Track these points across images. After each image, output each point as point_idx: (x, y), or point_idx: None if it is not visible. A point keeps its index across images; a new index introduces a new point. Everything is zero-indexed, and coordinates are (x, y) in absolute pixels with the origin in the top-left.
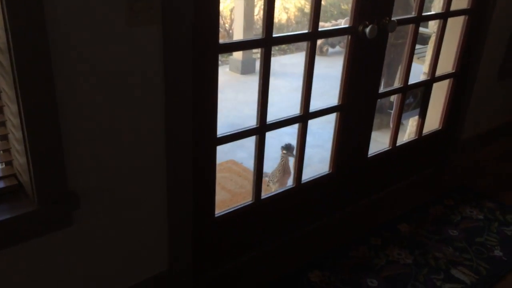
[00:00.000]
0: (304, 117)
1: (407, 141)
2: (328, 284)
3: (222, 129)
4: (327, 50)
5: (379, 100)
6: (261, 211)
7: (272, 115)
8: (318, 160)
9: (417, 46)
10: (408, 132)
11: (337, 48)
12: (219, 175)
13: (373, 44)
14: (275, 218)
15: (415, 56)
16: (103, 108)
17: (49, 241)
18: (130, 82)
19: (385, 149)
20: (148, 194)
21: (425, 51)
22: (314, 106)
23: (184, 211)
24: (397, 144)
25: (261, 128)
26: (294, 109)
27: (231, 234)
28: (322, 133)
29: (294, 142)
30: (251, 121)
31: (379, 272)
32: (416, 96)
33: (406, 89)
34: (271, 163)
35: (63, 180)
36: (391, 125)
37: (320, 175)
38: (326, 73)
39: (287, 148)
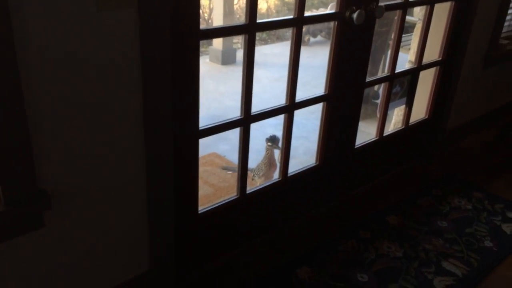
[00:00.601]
0: (290, 108)
1: (394, 131)
2: (317, 280)
3: (203, 121)
4: (308, 39)
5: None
6: (247, 206)
7: (255, 107)
8: (302, 151)
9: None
10: (394, 122)
11: (319, 37)
12: (201, 169)
13: (361, 31)
14: (261, 213)
15: (391, 43)
16: (74, 100)
17: (19, 244)
18: (103, 72)
19: (372, 140)
20: (126, 191)
21: (409, 40)
22: (296, 96)
23: (165, 208)
24: (384, 135)
25: (246, 120)
26: (277, 100)
27: (215, 230)
28: (306, 124)
29: (278, 133)
30: (233, 113)
31: (369, 266)
32: (403, 85)
33: (393, 78)
34: (254, 156)
35: (32, 178)
36: (378, 115)
37: (307, 168)
38: (308, 63)
39: (272, 140)
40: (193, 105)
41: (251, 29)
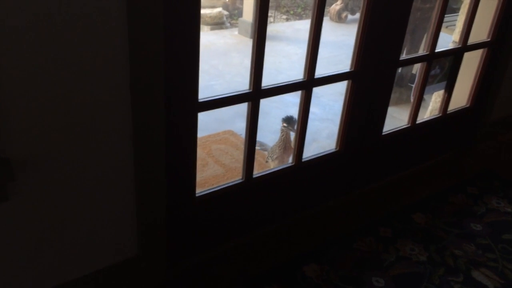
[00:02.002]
0: (307, 84)
1: (429, 118)
2: (325, 280)
3: None
4: (346, 16)
5: (399, 70)
6: (252, 191)
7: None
8: (326, 135)
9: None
10: (431, 109)
11: (357, 15)
12: (213, 146)
13: (397, 1)
14: (268, 200)
15: (443, 25)
16: (44, 49)
17: None
18: (84, 23)
19: (403, 127)
20: (108, 165)
21: (455, 20)
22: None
23: (155, 188)
24: (418, 122)
25: (255, 94)
26: None
27: (214, 217)
28: (333, 106)
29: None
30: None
31: (387, 269)
32: (444, 67)
33: (432, 57)
34: (274, 136)
35: None
36: (411, 99)
37: (325, 153)
38: (342, 41)
39: (288, 120)
40: (191, 68)
41: None
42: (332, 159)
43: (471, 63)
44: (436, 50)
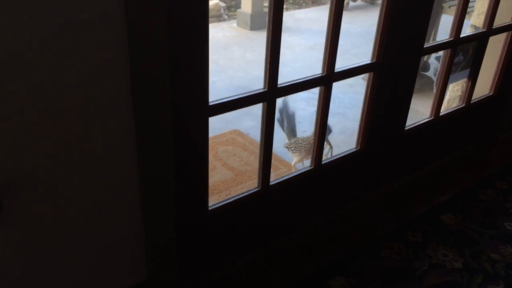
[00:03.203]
0: (327, 79)
1: (453, 109)
2: None
3: (225, 93)
4: (348, 3)
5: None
6: (270, 199)
7: (285, 77)
8: (338, 130)
9: None
10: (448, 98)
11: (359, 1)
12: (220, 148)
13: None
14: (287, 208)
15: (445, 5)
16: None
17: None
18: (81, 26)
19: (426, 120)
20: (111, 181)
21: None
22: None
23: (164, 204)
24: (441, 114)
25: (270, 93)
26: (311, 70)
27: (229, 230)
28: (343, 98)
29: (310, 109)
30: (261, 84)
31: (421, 279)
32: (467, 54)
33: (457, 43)
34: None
35: None
36: (434, 90)
37: (346, 154)
38: (346, 29)
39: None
40: (200, 69)
41: None
42: (353, 159)
43: (492, 48)
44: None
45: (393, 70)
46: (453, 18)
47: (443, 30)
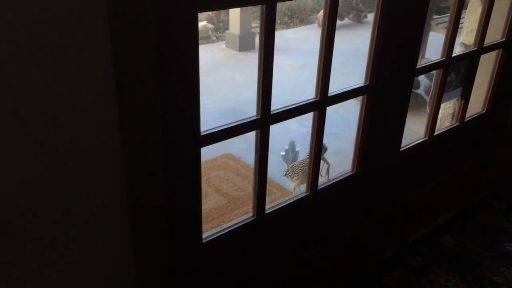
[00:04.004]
0: (321, 103)
1: (447, 128)
2: None
3: (216, 116)
4: None
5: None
6: (265, 228)
7: (276, 98)
8: (332, 151)
9: (435, 16)
10: (440, 116)
11: (346, 20)
12: (213, 173)
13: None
14: (282, 236)
15: (433, 23)
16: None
17: None
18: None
19: (421, 140)
20: (98, 221)
21: (445, 19)
22: None
23: (155, 239)
24: (435, 133)
25: (264, 120)
26: (301, 90)
27: (224, 262)
28: (335, 118)
29: (301, 129)
30: (252, 106)
31: None
32: (459, 72)
33: (449, 63)
34: (273, 158)
35: None
36: (428, 109)
37: (341, 177)
38: (335, 49)
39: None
40: (192, 98)
41: None
42: (349, 183)
43: (483, 66)
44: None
45: (387, 92)
46: (444, 37)
47: (431, 47)
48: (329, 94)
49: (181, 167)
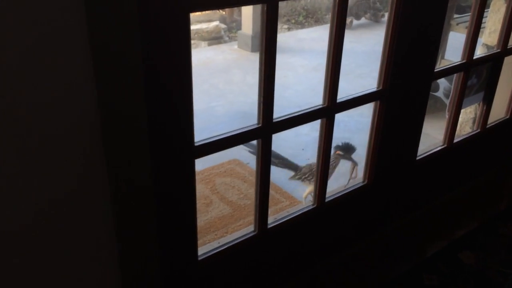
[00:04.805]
0: (329, 110)
1: (468, 135)
2: None
3: (225, 119)
4: (351, 22)
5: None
6: (267, 243)
7: (287, 100)
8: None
9: (456, 15)
10: (460, 121)
11: (363, 20)
12: (218, 180)
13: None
14: (287, 252)
15: (453, 22)
16: None
17: None
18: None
19: (439, 148)
20: (82, 241)
21: (466, 19)
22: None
23: (145, 258)
24: (455, 141)
25: (265, 129)
26: (314, 93)
27: (223, 282)
28: (348, 122)
29: (313, 134)
30: None
31: None
32: (481, 76)
33: (470, 66)
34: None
35: None
36: (447, 115)
37: (352, 189)
38: (351, 49)
39: (346, 149)
40: (184, 104)
41: None
42: (360, 194)
43: (506, 69)
44: (474, 57)
45: (402, 97)
46: (465, 38)
47: (451, 47)
48: (338, 100)
49: (174, 180)
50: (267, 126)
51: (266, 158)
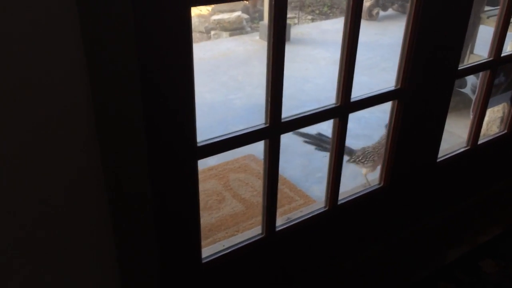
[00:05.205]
0: (342, 110)
1: (493, 137)
2: None
3: (242, 112)
4: (377, 13)
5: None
6: (275, 247)
7: (307, 94)
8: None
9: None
10: (487, 120)
11: (390, 11)
12: (232, 176)
13: None
14: (294, 255)
15: (483, 16)
16: None
17: None
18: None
19: (462, 150)
20: (83, 246)
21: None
22: (359, 82)
23: (145, 258)
24: (479, 142)
25: (273, 129)
26: (334, 87)
27: (228, 285)
28: (369, 118)
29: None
30: (284, 102)
31: None
32: (509, 74)
33: (498, 64)
34: (300, 160)
35: None
36: (471, 115)
37: (367, 191)
38: (376, 41)
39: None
40: (185, 104)
41: None
42: (376, 197)
43: None
44: (502, 54)
45: (422, 96)
46: (493, 34)
47: (481, 41)
48: (352, 99)
49: (174, 182)
50: (275, 126)
51: (273, 159)
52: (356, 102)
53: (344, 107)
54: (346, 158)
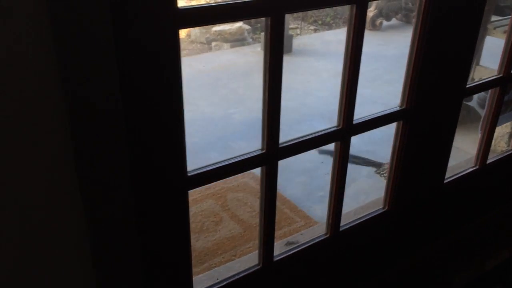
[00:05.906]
0: (344, 133)
1: (503, 155)
2: None
3: (242, 127)
4: (380, 23)
5: None
6: (273, 278)
7: (308, 108)
8: (366, 174)
9: (494, 18)
10: (495, 136)
11: (393, 21)
12: (230, 195)
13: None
14: (295, 286)
15: (490, 27)
16: None
17: None
18: None
19: (470, 169)
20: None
21: (505, 22)
22: (362, 94)
23: None
24: (488, 162)
25: (270, 155)
26: (336, 100)
27: None
28: (373, 132)
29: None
30: (286, 115)
31: None
32: None
33: (507, 81)
34: (300, 179)
35: None
36: (479, 134)
37: (370, 216)
38: (379, 52)
39: None
40: (173, 128)
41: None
42: (379, 222)
43: None
44: None
45: (429, 117)
46: (503, 49)
47: (488, 52)
48: (355, 121)
49: (163, 214)
50: (272, 152)
51: (271, 186)
52: (359, 124)
53: (346, 130)
54: (373, 169)
